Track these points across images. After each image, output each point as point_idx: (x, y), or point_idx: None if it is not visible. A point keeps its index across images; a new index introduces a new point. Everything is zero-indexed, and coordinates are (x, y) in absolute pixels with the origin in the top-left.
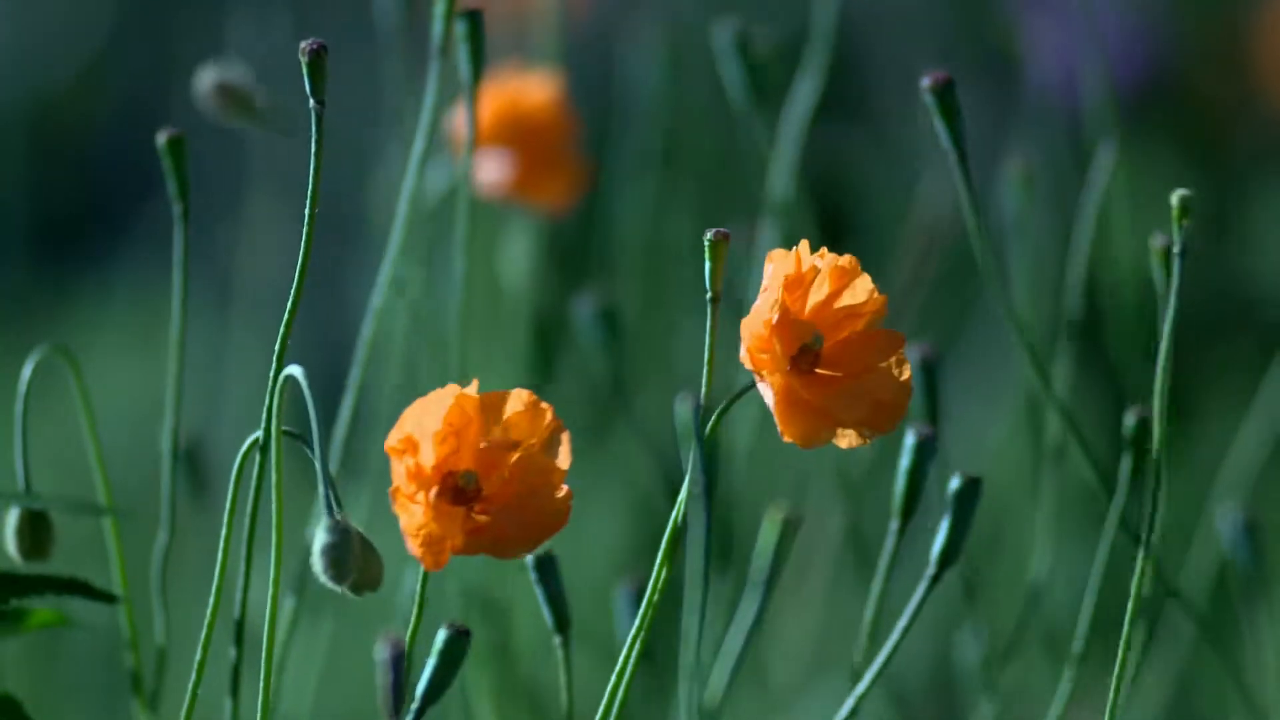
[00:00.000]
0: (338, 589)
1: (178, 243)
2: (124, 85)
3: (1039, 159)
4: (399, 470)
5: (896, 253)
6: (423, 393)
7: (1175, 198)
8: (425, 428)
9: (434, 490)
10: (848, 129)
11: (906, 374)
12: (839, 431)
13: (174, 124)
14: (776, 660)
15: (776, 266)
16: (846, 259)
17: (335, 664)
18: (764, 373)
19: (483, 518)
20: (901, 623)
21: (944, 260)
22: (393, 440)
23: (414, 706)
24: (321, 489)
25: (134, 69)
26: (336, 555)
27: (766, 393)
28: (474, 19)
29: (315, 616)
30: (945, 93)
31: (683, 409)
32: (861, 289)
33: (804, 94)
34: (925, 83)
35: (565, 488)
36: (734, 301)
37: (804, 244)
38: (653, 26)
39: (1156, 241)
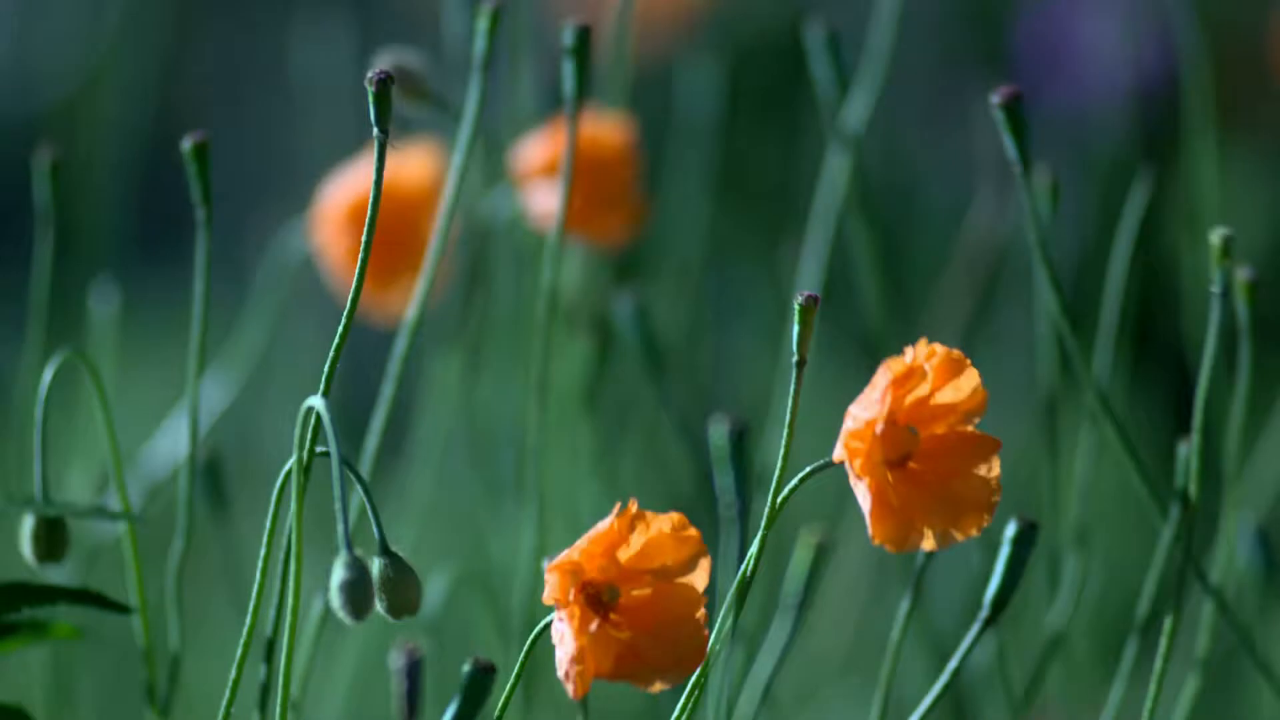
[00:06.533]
0: (354, 623)
1: (200, 248)
2: (165, 90)
3: (1067, 168)
4: (555, 588)
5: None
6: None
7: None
8: (583, 549)
9: (588, 615)
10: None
11: (996, 471)
12: (926, 533)
13: (224, 130)
14: (789, 672)
15: (890, 372)
16: (956, 353)
17: (362, 677)
18: (860, 474)
19: (624, 633)
20: (952, 664)
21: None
22: (558, 560)
23: None
24: (340, 526)
25: (188, 72)
26: (353, 594)
27: (862, 494)
28: (583, 35)
29: (342, 629)
30: (1013, 107)
31: (717, 432)
32: (966, 385)
33: (857, 105)
34: (995, 98)
35: (704, 614)
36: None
37: (921, 342)
38: (711, 47)
39: (1243, 275)
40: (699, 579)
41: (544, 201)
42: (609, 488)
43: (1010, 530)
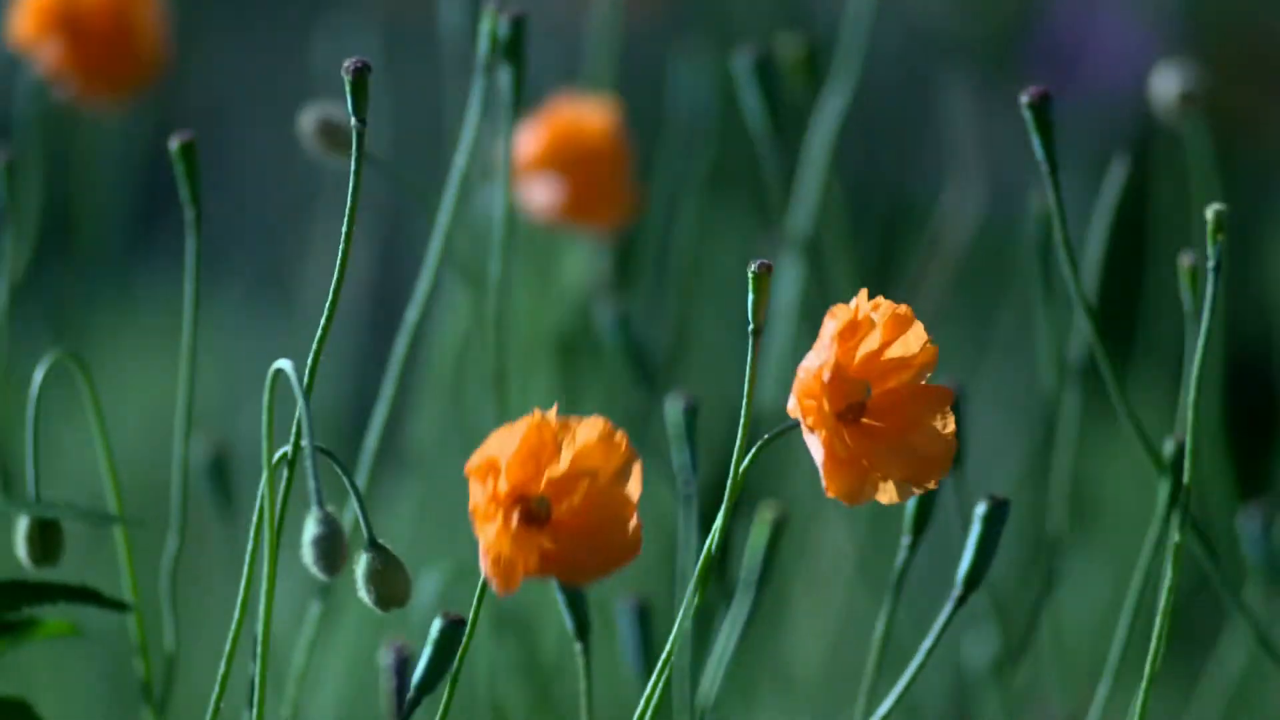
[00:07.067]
0: (325, 579)
1: (190, 250)
2: (176, 88)
3: (1078, 170)
4: (477, 492)
5: (913, 261)
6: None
7: (1210, 212)
8: (505, 451)
9: (510, 514)
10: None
11: (951, 428)
12: (881, 486)
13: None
14: (793, 671)
15: (835, 321)
16: (903, 308)
17: (354, 674)
18: (811, 426)
19: (553, 543)
20: (926, 644)
21: (968, 275)
22: (474, 462)
23: (409, 695)
24: (312, 484)
25: (187, 72)
26: (327, 546)
27: (814, 447)
28: (518, 26)
29: (334, 627)
30: (1042, 107)
31: (673, 410)
32: (915, 340)
33: (831, 109)
34: (1024, 98)
35: (636, 519)
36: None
37: (862, 293)
38: (703, 40)
39: (1184, 260)
40: (632, 486)
41: (540, 194)
42: None
43: (981, 508)
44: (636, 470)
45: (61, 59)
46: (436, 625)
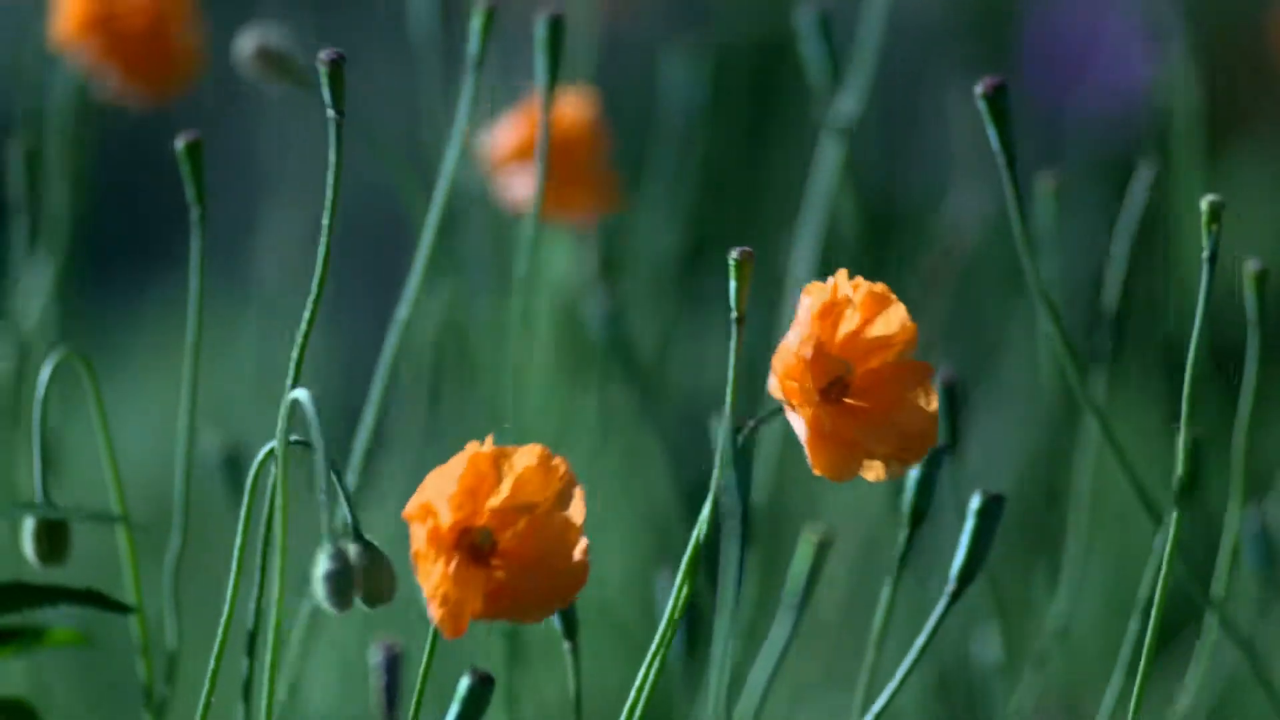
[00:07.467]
0: (338, 613)
1: (195, 247)
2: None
3: (1073, 169)
4: (418, 535)
5: (918, 263)
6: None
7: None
8: (442, 492)
9: (452, 555)
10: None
11: (934, 404)
12: (866, 463)
13: (227, 132)
14: (790, 668)
15: (812, 299)
16: (880, 287)
17: (353, 667)
18: (794, 405)
19: (501, 574)
20: (920, 640)
21: (973, 277)
22: (411, 507)
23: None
24: (324, 517)
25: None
26: (338, 583)
27: (798, 425)
28: (555, 25)
29: (332, 619)
30: (997, 97)
31: (719, 431)
32: (894, 318)
33: (845, 105)
34: (979, 89)
35: (581, 545)
36: (764, 315)
37: (841, 273)
38: (694, 38)
39: (1250, 266)
40: (574, 511)
41: (518, 187)
42: (590, 489)
43: (975, 503)
44: (578, 496)
45: (100, 57)
46: (463, 684)
